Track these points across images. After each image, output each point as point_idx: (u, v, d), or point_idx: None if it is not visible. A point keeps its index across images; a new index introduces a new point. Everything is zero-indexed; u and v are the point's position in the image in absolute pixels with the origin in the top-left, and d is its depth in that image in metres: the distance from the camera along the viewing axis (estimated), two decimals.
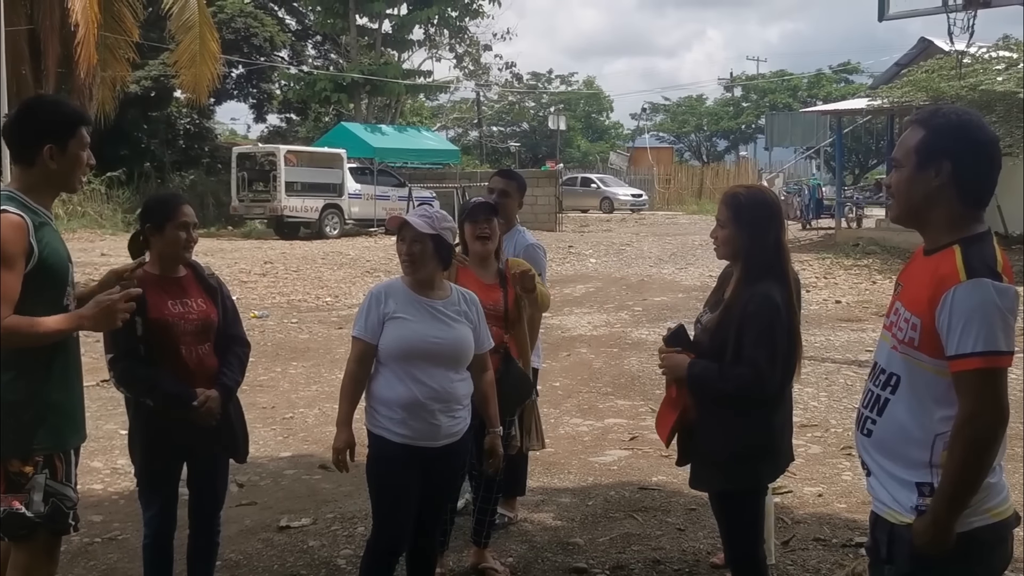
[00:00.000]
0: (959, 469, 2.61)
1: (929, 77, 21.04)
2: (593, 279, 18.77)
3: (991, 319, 2.57)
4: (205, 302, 4.30)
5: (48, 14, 15.69)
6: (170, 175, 35.20)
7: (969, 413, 2.59)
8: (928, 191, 2.74)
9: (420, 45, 44.05)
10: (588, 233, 30.00)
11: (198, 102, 20.40)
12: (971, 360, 2.57)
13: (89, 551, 5.38)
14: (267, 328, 12.81)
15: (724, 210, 3.96)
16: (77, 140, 3.56)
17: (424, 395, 4.04)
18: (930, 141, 2.73)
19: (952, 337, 2.59)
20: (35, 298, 3.40)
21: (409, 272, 4.15)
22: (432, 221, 4.11)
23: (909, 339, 2.71)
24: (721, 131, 70.00)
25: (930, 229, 2.79)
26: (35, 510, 3.47)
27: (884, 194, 3.14)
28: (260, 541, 5.59)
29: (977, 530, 2.67)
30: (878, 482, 2.82)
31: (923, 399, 2.71)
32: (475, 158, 53.09)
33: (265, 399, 9.03)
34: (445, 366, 4.10)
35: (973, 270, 2.60)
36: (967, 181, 2.72)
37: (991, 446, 2.62)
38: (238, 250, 23.01)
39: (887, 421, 2.78)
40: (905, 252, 21.18)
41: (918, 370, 2.71)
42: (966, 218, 2.74)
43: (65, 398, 3.57)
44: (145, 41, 23.06)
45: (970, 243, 2.68)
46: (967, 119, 2.77)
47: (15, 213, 3.37)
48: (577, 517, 5.99)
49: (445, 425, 4.10)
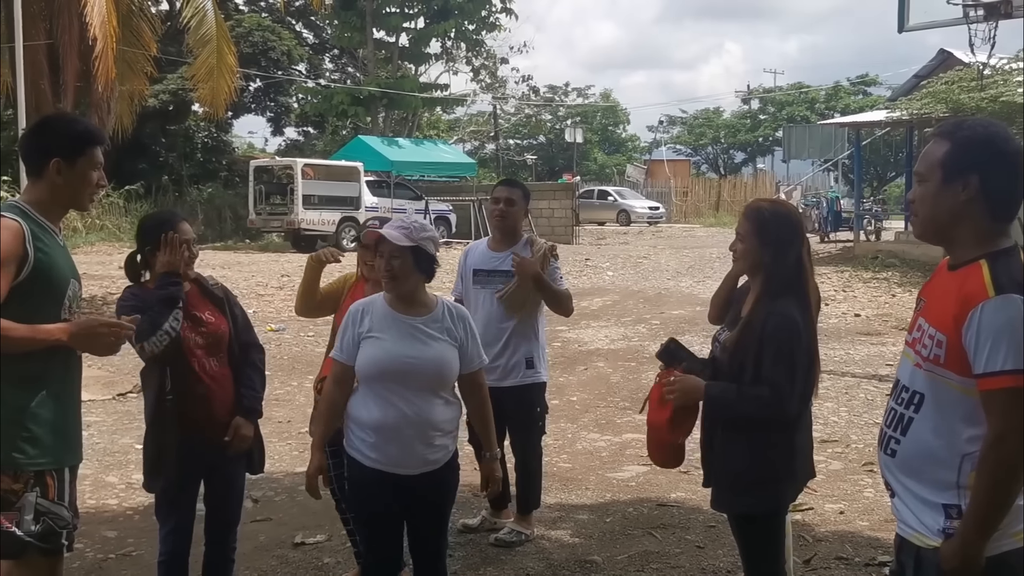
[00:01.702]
0: (989, 491, 2.54)
1: (949, 89, 20.91)
2: (610, 292, 18.70)
3: (1020, 337, 2.49)
4: (213, 314, 4.30)
5: (67, 29, 15.76)
6: (188, 188, 35.38)
7: (999, 433, 2.51)
8: (954, 206, 2.66)
9: (437, 58, 44.17)
10: (605, 246, 29.94)
11: (216, 116, 20.44)
12: (1001, 379, 2.49)
13: (103, 567, 5.35)
14: (284, 341, 12.80)
15: (745, 224, 3.86)
16: (87, 159, 3.55)
17: (397, 419, 3.83)
18: (956, 155, 2.65)
19: (980, 355, 2.51)
20: (28, 307, 3.37)
21: (390, 288, 3.94)
22: (410, 232, 3.90)
23: (934, 356, 2.64)
24: (738, 144, 69.86)
25: (956, 245, 2.72)
26: (25, 528, 3.42)
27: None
28: (275, 558, 5.55)
29: (1006, 554, 2.60)
30: (903, 504, 2.75)
31: (949, 418, 2.64)
32: (492, 171, 53.12)
33: (281, 413, 8.99)
34: (423, 388, 3.88)
35: (1001, 286, 2.53)
36: (996, 195, 2.64)
37: (1021, 468, 2.53)
38: (255, 263, 23.04)
39: (911, 441, 2.71)
40: (925, 265, 21.05)
41: (944, 388, 2.64)
42: (993, 233, 2.67)
43: (57, 415, 3.50)
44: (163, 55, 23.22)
45: (996, 258, 2.61)
46: (994, 131, 2.70)
47: (11, 218, 3.36)
48: (595, 534, 5.93)
49: (421, 453, 3.88)
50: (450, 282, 6.20)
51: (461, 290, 5.89)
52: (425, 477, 3.91)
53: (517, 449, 5.86)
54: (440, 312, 4.00)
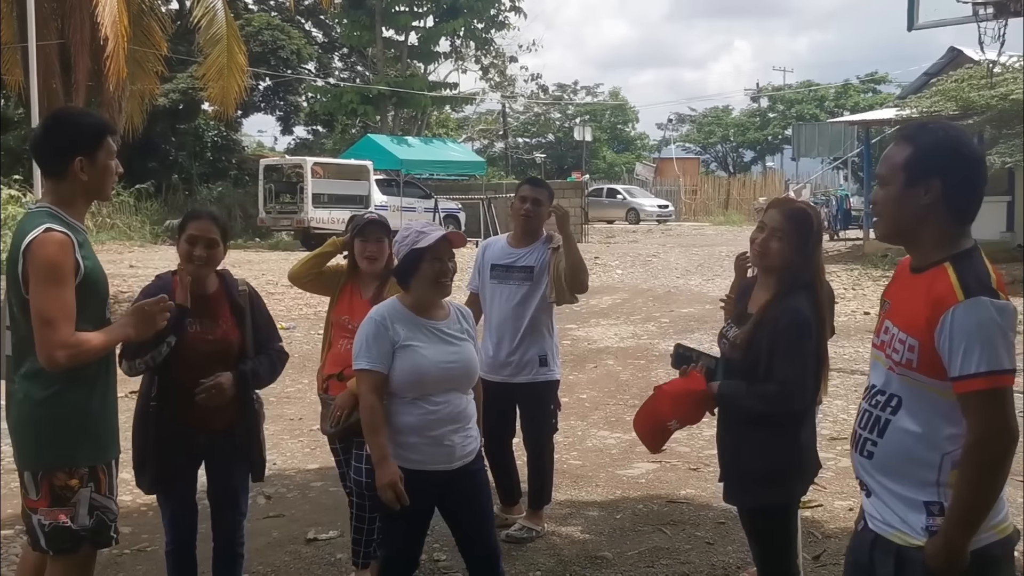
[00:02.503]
0: (972, 491, 2.58)
1: (959, 87, 20.87)
2: (619, 290, 18.71)
3: (992, 338, 2.53)
4: (228, 323, 4.28)
5: (78, 28, 15.81)
6: (198, 187, 35.49)
7: (979, 435, 2.55)
8: (917, 209, 2.69)
9: (446, 57, 44.20)
10: (614, 244, 29.94)
11: (226, 115, 20.48)
12: (976, 381, 2.53)
13: (118, 563, 5.39)
14: (294, 340, 12.82)
15: (786, 223, 3.91)
16: (105, 150, 3.59)
17: (437, 419, 3.90)
18: (919, 158, 2.69)
19: (955, 359, 2.55)
20: (82, 313, 3.44)
21: (445, 293, 4.03)
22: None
23: (907, 361, 2.67)
24: (748, 142, 69.72)
25: (918, 247, 2.76)
26: (81, 523, 3.50)
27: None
28: (287, 554, 5.59)
29: (989, 547, 2.64)
30: (881, 502, 2.77)
31: (927, 419, 2.67)
32: (500, 169, 53.13)
33: (292, 411, 9.03)
34: (457, 388, 3.99)
35: (969, 289, 2.56)
36: (957, 198, 2.68)
37: (1003, 466, 2.58)
38: (265, 262, 23.08)
39: (890, 442, 2.73)
40: None
41: (920, 391, 2.67)
42: (954, 235, 2.70)
43: (106, 409, 3.62)
44: (173, 54, 23.25)
45: (960, 260, 2.64)
46: (956, 135, 2.75)
47: (60, 231, 3.40)
48: (605, 530, 5.95)
49: (459, 446, 3.96)
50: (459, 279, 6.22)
51: (478, 284, 5.90)
52: (461, 471, 3.99)
53: (529, 446, 5.88)
54: (454, 314, 4.10)
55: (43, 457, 3.49)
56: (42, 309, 3.36)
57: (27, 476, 3.52)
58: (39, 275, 3.37)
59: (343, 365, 4.79)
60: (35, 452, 3.51)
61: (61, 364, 3.37)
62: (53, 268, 3.36)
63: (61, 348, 3.34)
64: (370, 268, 4.88)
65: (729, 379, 4.00)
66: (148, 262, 21.06)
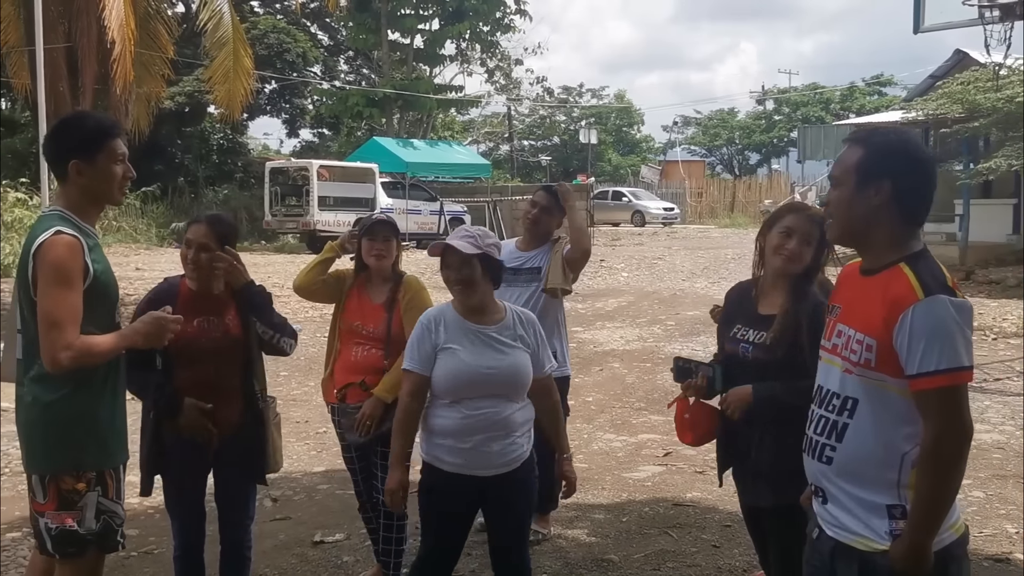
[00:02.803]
0: (932, 489, 2.61)
1: (965, 89, 20.84)
2: (625, 293, 18.72)
3: (951, 336, 2.56)
4: (231, 321, 4.28)
5: (85, 32, 15.85)
6: (204, 190, 35.55)
7: (938, 432, 2.58)
8: (868, 210, 2.73)
9: (452, 60, 44.20)
10: (620, 247, 29.93)
11: (232, 117, 20.54)
12: (934, 378, 2.56)
13: (125, 565, 5.40)
14: (301, 342, 12.79)
15: (812, 227, 3.98)
16: (107, 153, 3.56)
17: (475, 424, 3.85)
18: (870, 160, 2.73)
19: (913, 356, 2.57)
20: (90, 316, 3.45)
21: (463, 298, 3.93)
22: (476, 240, 3.90)
23: (865, 360, 2.69)
24: (753, 144, 69.67)
25: (870, 248, 2.79)
26: (87, 527, 3.50)
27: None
28: (294, 556, 5.60)
29: (949, 547, 2.69)
30: (839, 508, 2.78)
31: (886, 419, 2.68)
32: (506, 172, 53.20)
33: (299, 413, 9.05)
34: (499, 394, 3.88)
35: (928, 288, 2.60)
36: (907, 200, 2.72)
37: (960, 463, 2.63)
38: (271, 264, 23.13)
39: (849, 446, 2.75)
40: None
41: (878, 391, 2.69)
42: (905, 236, 2.74)
43: (114, 414, 3.61)
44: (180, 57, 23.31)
45: (915, 260, 2.68)
46: (907, 138, 2.79)
47: (69, 234, 3.41)
48: (611, 533, 5.96)
49: (497, 453, 3.89)
50: None
51: None
52: (500, 478, 3.92)
53: (536, 448, 5.88)
54: (511, 319, 4.00)
55: (50, 460, 3.50)
56: (48, 311, 3.36)
57: (35, 479, 3.53)
58: (47, 277, 3.37)
59: (363, 373, 4.78)
60: (43, 455, 3.52)
61: (64, 366, 3.37)
62: (61, 270, 3.37)
63: (65, 350, 3.34)
64: (377, 265, 4.82)
65: (731, 384, 4.06)
66: (154, 265, 21.09)
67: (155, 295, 4.25)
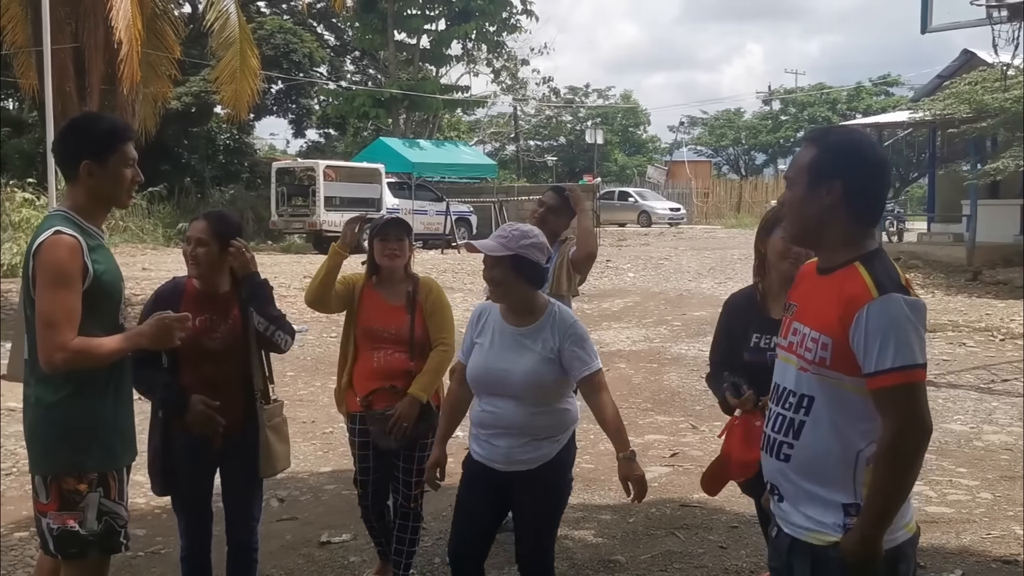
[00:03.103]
0: (887, 486, 2.61)
1: (972, 89, 20.80)
2: (631, 293, 18.70)
3: (906, 333, 2.57)
4: (234, 321, 4.27)
5: (92, 32, 15.86)
6: (210, 190, 35.55)
7: (895, 429, 2.59)
8: (820, 210, 2.74)
9: (458, 60, 44.29)
10: (626, 247, 29.91)
11: (238, 118, 20.53)
12: (891, 376, 2.57)
13: (133, 565, 5.41)
14: (307, 342, 12.85)
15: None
16: (119, 156, 3.56)
17: (491, 420, 3.96)
18: (822, 160, 2.74)
19: (870, 354, 2.58)
20: (92, 317, 3.44)
21: (494, 298, 4.01)
22: (508, 241, 3.86)
23: (820, 359, 2.70)
24: (759, 145, 69.62)
25: (824, 248, 2.81)
26: (88, 528, 3.49)
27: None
28: (301, 556, 5.60)
29: (901, 545, 2.71)
30: (792, 507, 2.79)
31: (841, 417, 2.70)
32: (512, 172, 53.20)
33: (305, 414, 9.05)
34: (513, 397, 3.91)
35: (882, 286, 2.61)
36: (858, 201, 2.73)
37: (917, 460, 2.64)
38: (277, 264, 23.13)
39: (806, 444, 2.75)
40: (948, 266, 20.93)
41: (833, 389, 2.70)
42: (859, 236, 2.75)
43: (118, 415, 3.60)
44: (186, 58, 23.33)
45: (870, 260, 2.69)
46: (859, 139, 2.83)
47: (69, 234, 3.41)
48: (618, 534, 5.95)
49: (512, 450, 3.94)
50: (471, 283, 6.22)
51: None
52: (520, 475, 3.97)
53: None
54: (544, 322, 3.96)
55: (52, 461, 3.50)
56: (44, 311, 3.37)
57: (37, 480, 3.53)
58: (44, 277, 3.38)
59: (388, 378, 4.74)
60: (45, 456, 3.52)
61: (59, 367, 3.38)
62: (58, 271, 3.37)
63: (59, 351, 3.34)
64: (391, 265, 4.76)
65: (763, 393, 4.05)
66: (160, 265, 21.11)
67: (161, 294, 4.27)
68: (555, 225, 5.73)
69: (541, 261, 3.94)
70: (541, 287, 4.05)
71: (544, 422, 3.98)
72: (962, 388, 10.31)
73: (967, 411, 9.18)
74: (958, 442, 8.09)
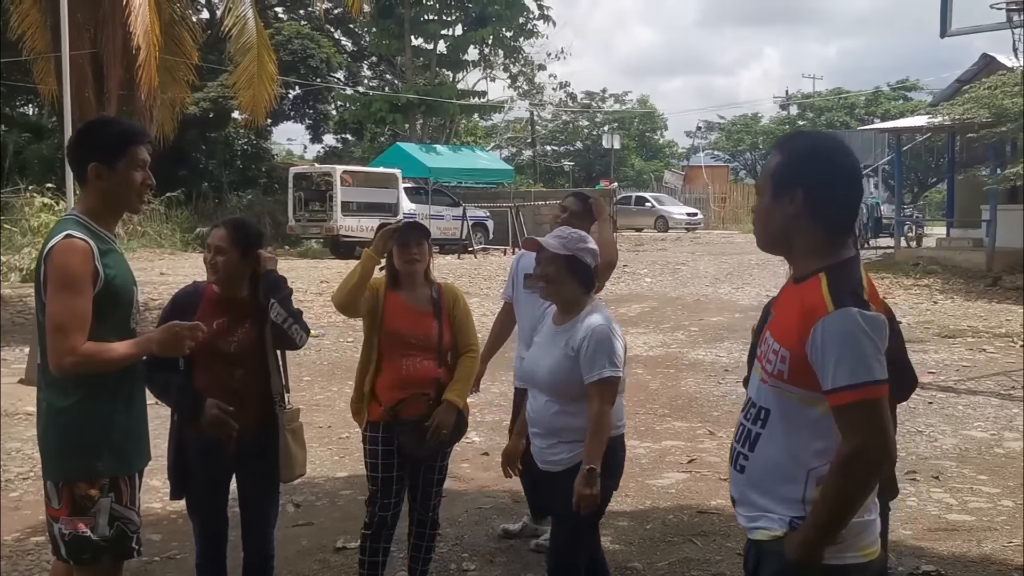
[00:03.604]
0: (836, 499, 2.53)
1: (992, 94, 20.69)
2: (648, 299, 18.66)
3: (861, 348, 2.48)
4: (251, 324, 4.26)
5: (111, 38, 15.95)
6: (228, 195, 35.67)
7: (854, 448, 2.50)
8: (784, 219, 2.68)
9: (475, 65, 44.31)
10: (643, 252, 29.86)
11: (255, 123, 20.65)
12: (846, 394, 2.48)
13: (148, 570, 5.40)
14: (323, 347, 12.86)
15: None
16: (127, 160, 3.53)
17: (531, 417, 4.17)
18: (784, 168, 2.69)
19: (827, 372, 2.51)
20: (103, 322, 3.43)
21: (543, 295, 4.18)
22: (567, 242, 4.05)
23: (778, 372, 2.63)
24: None
25: (794, 257, 2.73)
26: (100, 534, 3.48)
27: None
28: (316, 562, 5.58)
29: (849, 566, 2.60)
30: (746, 518, 2.75)
31: (795, 433, 2.62)
32: (529, 177, 53.15)
33: (321, 419, 9.05)
34: (546, 392, 4.07)
35: (838, 300, 2.52)
36: (821, 209, 2.65)
37: (871, 479, 2.55)
38: (294, 269, 23.18)
39: (759, 457, 2.70)
40: (967, 272, 20.81)
41: (789, 403, 2.63)
42: (830, 244, 2.67)
43: (131, 420, 3.59)
44: (204, 63, 23.41)
45: (835, 270, 2.61)
46: (821, 144, 2.74)
47: (80, 238, 3.40)
48: (635, 541, 5.92)
49: (540, 449, 4.13)
50: (488, 288, 6.21)
51: (511, 294, 5.89)
52: (548, 476, 4.14)
53: None
54: (578, 320, 4.06)
55: (64, 466, 3.49)
56: (54, 315, 3.36)
57: (49, 485, 3.53)
58: (55, 281, 3.37)
59: (416, 387, 4.64)
60: (56, 461, 3.51)
61: (68, 371, 3.37)
62: (68, 275, 3.36)
63: (69, 355, 3.34)
64: (411, 270, 4.70)
65: None
66: (178, 269, 21.18)
67: (179, 299, 4.27)
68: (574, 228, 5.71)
69: (592, 264, 4.11)
70: (590, 290, 4.16)
71: (568, 423, 4.02)
72: (982, 394, 10.23)
73: (987, 418, 9.11)
74: (979, 449, 8.03)
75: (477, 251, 29.43)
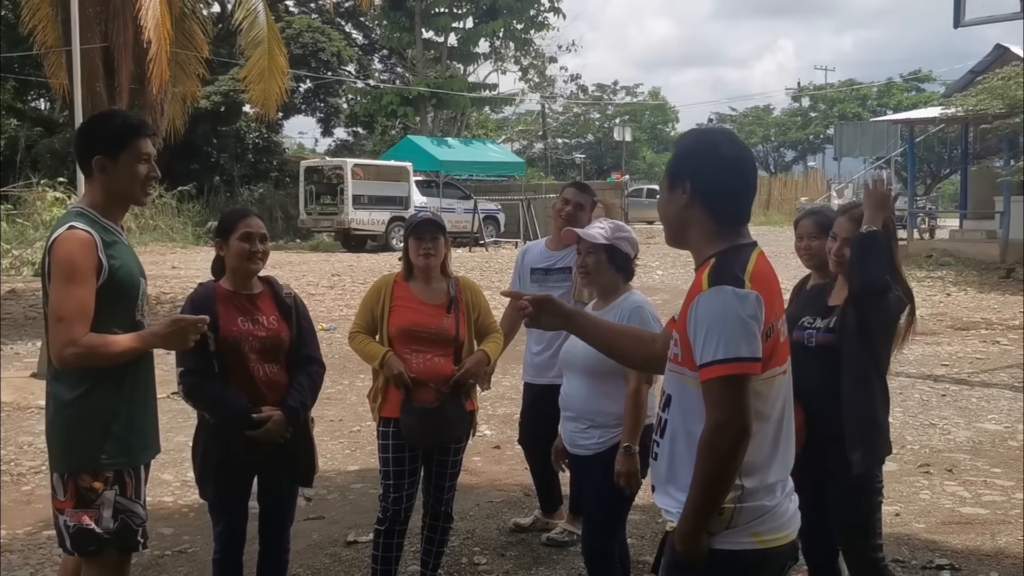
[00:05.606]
0: (703, 479, 2.53)
1: (1005, 85, 20.57)
2: (660, 291, 18.60)
3: (731, 326, 2.51)
4: (277, 320, 4.26)
5: (122, 32, 15.92)
6: (239, 189, 35.75)
7: (714, 422, 2.51)
8: (678, 211, 2.75)
9: (486, 58, 44.30)
10: (655, 245, 29.66)
11: (267, 117, 20.60)
12: (713, 368, 2.51)
13: (160, 564, 5.40)
14: (334, 341, 12.86)
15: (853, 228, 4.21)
16: (130, 152, 3.52)
17: (564, 401, 4.32)
18: (673, 162, 2.78)
19: (697, 347, 2.55)
20: (108, 314, 3.42)
21: (582, 282, 4.31)
22: (606, 231, 4.17)
23: (674, 356, 2.68)
24: (789, 142, 69.24)
25: (691, 247, 2.79)
26: (104, 526, 3.47)
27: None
28: (328, 556, 5.58)
29: (741, 553, 2.58)
30: (661, 507, 2.76)
31: (688, 417, 2.64)
32: (540, 170, 53.14)
33: (332, 412, 9.05)
34: (578, 372, 4.21)
35: (716, 278, 2.57)
36: (708, 199, 2.70)
37: (734, 457, 2.52)
38: (306, 263, 23.21)
39: (665, 444, 2.72)
40: (980, 264, 20.71)
41: (683, 386, 2.66)
42: (723, 234, 2.71)
43: (136, 413, 3.57)
44: (215, 57, 23.42)
45: (725, 255, 2.65)
46: (707, 137, 2.83)
47: (83, 229, 3.40)
48: (647, 534, 5.90)
49: (572, 433, 4.26)
50: (499, 281, 6.19)
51: (518, 288, 5.85)
52: (578, 460, 4.30)
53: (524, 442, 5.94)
54: (616, 303, 4.23)
55: (68, 459, 3.49)
56: (56, 306, 3.36)
57: (55, 477, 3.53)
58: (58, 272, 3.37)
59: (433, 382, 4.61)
60: (61, 453, 3.51)
61: (70, 363, 3.36)
62: (71, 266, 3.35)
63: (70, 347, 3.33)
64: (426, 264, 4.67)
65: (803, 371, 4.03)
66: (190, 263, 21.22)
67: (195, 300, 4.24)
68: (582, 222, 5.67)
69: (631, 253, 4.32)
70: (630, 277, 4.35)
71: (604, 407, 4.16)
72: (996, 387, 10.18)
73: (1001, 410, 9.06)
74: (992, 442, 7.98)
75: (488, 244, 29.40)
